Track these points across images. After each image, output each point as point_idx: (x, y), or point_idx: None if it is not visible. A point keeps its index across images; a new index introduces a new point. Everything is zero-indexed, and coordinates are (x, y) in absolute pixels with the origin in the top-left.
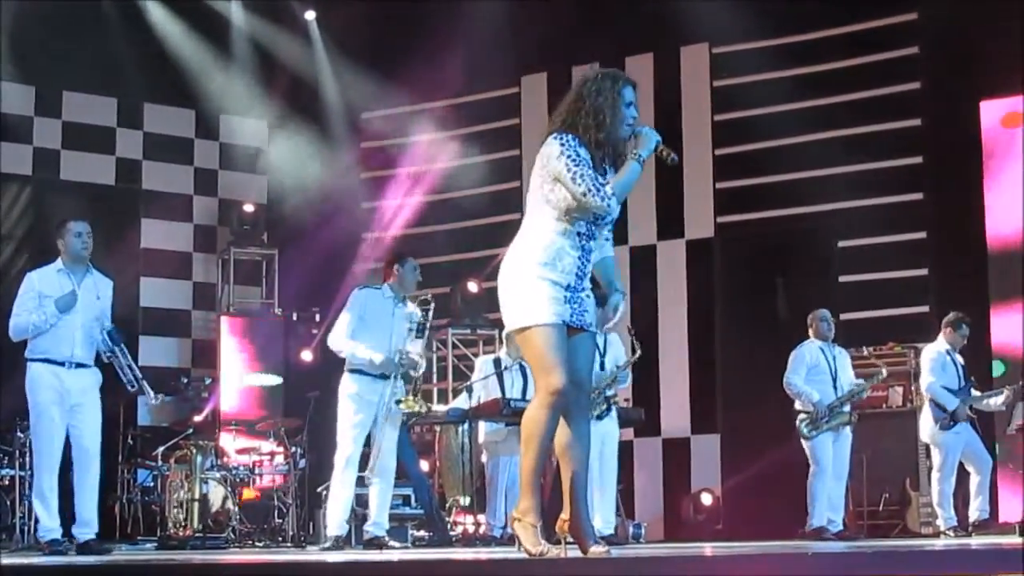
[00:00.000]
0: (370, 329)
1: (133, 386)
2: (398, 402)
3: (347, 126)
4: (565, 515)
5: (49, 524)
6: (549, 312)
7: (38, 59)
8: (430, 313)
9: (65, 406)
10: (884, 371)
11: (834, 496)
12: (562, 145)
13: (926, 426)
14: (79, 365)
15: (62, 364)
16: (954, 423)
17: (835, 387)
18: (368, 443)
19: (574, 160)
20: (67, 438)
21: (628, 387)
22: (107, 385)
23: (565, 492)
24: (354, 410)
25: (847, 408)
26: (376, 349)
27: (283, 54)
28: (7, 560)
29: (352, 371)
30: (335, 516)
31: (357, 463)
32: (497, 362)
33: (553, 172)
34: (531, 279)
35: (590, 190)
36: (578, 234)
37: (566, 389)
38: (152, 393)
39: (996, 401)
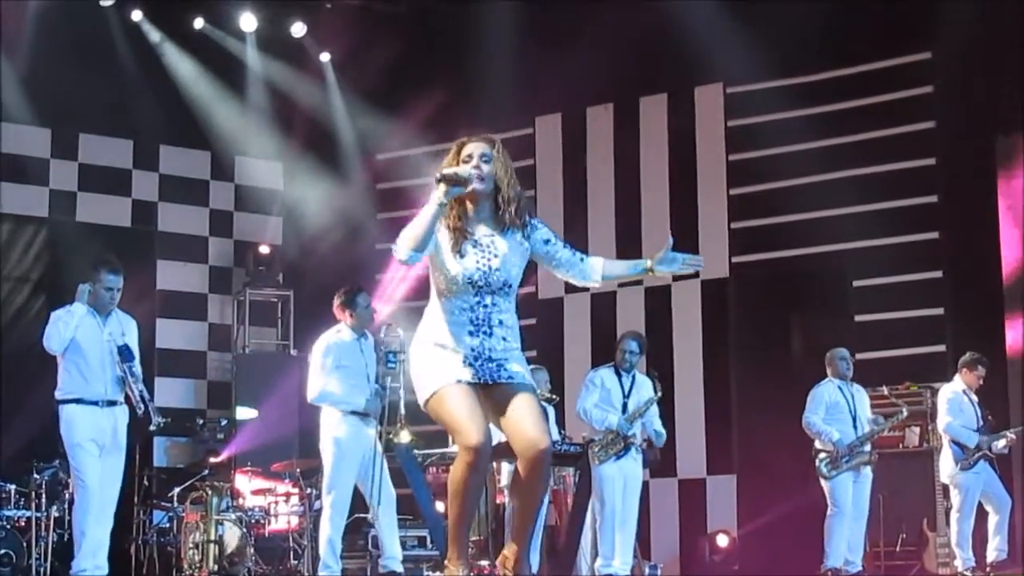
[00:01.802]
0: (348, 372)
1: (139, 408)
2: (390, 441)
3: (362, 168)
4: (507, 551)
5: (82, 564)
6: (442, 376)
7: (54, 101)
8: (398, 338)
9: (98, 446)
10: (905, 410)
11: (854, 536)
12: None
13: (946, 467)
14: (110, 403)
15: (95, 403)
16: (976, 461)
17: (855, 426)
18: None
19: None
20: None
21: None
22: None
23: (513, 532)
24: (341, 452)
25: (867, 447)
26: (356, 390)
27: (298, 96)
28: None
29: (331, 413)
30: (325, 558)
31: (348, 505)
32: None
33: None
34: (424, 354)
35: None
36: (464, 308)
37: (482, 443)
38: (155, 417)
39: (998, 445)
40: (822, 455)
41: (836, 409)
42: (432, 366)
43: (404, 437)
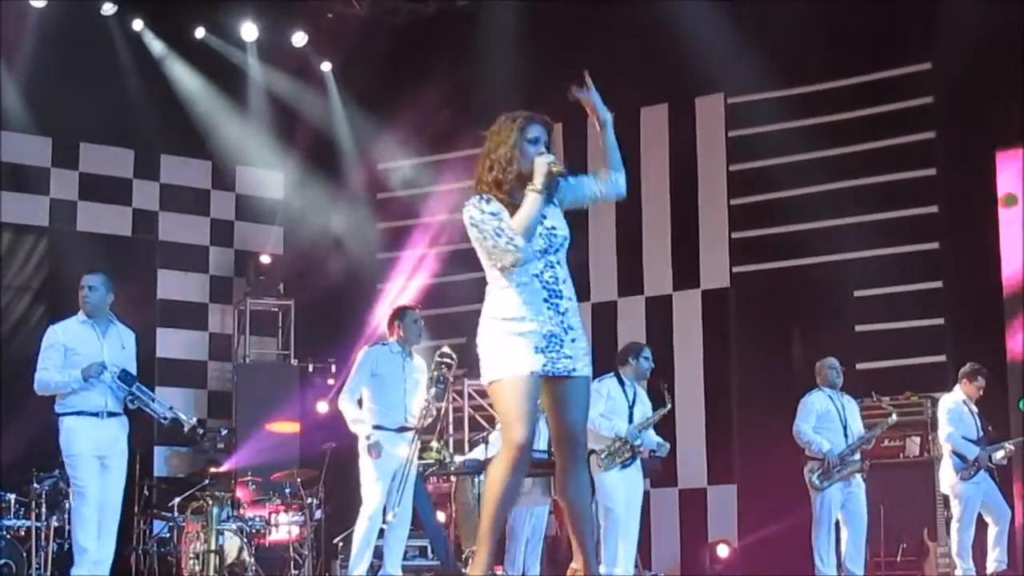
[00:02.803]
0: (384, 386)
1: (166, 419)
2: (423, 456)
3: (363, 177)
4: (576, 564)
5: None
6: (515, 364)
7: (55, 110)
8: (450, 369)
9: (99, 458)
10: (894, 415)
11: (854, 546)
12: (467, 211)
13: (946, 477)
14: (111, 414)
15: (96, 415)
16: (976, 472)
17: (845, 435)
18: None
19: (478, 223)
20: None
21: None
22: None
23: (573, 541)
24: (374, 464)
25: (857, 456)
26: (390, 406)
27: (299, 105)
28: None
29: (372, 427)
30: (353, 563)
31: (381, 517)
32: None
33: (472, 239)
34: (499, 335)
35: (497, 246)
36: (536, 276)
37: (528, 444)
38: (185, 418)
39: (997, 456)
40: (812, 464)
41: (827, 418)
42: (506, 349)
43: (439, 455)
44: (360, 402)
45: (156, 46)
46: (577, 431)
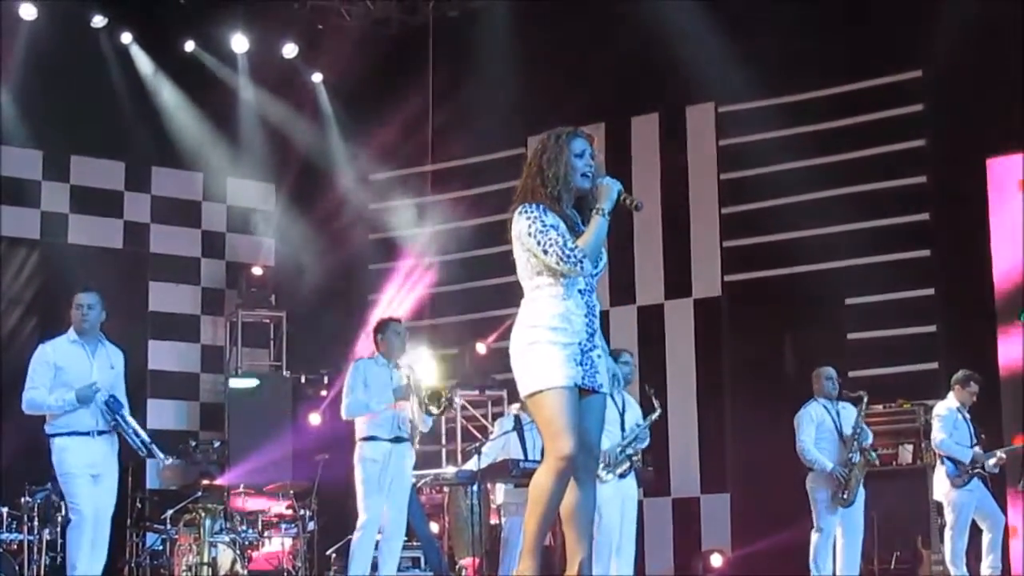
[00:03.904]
0: (374, 398)
1: (143, 452)
2: (429, 404)
3: (355, 188)
4: (570, 573)
5: None
6: (560, 375)
7: (46, 123)
8: (411, 375)
9: (91, 475)
10: (864, 397)
11: (849, 553)
12: (527, 218)
13: (939, 484)
14: (100, 433)
15: (87, 434)
16: (970, 479)
17: (842, 444)
18: None
19: (541, 231)
20: None
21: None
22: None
23: (569, 552)
24: (370, 476)
25: (857, 458)
26: (383, 417)
27: (290, 117)
28: None
29: (365, 439)
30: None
31: (377, 527)
32: (518, 419)
33: (527, 246)
34: (542, 344)
35: (561, 258)
36: (579, 292)
37: (575, 455)
38: (162, 456)
39: (989, 463)
40: (820, 482)
41: (822, 428)
42: (550, 360)
43: (440, 406)
44: None
45: (145, 61)
46: (593, 442)
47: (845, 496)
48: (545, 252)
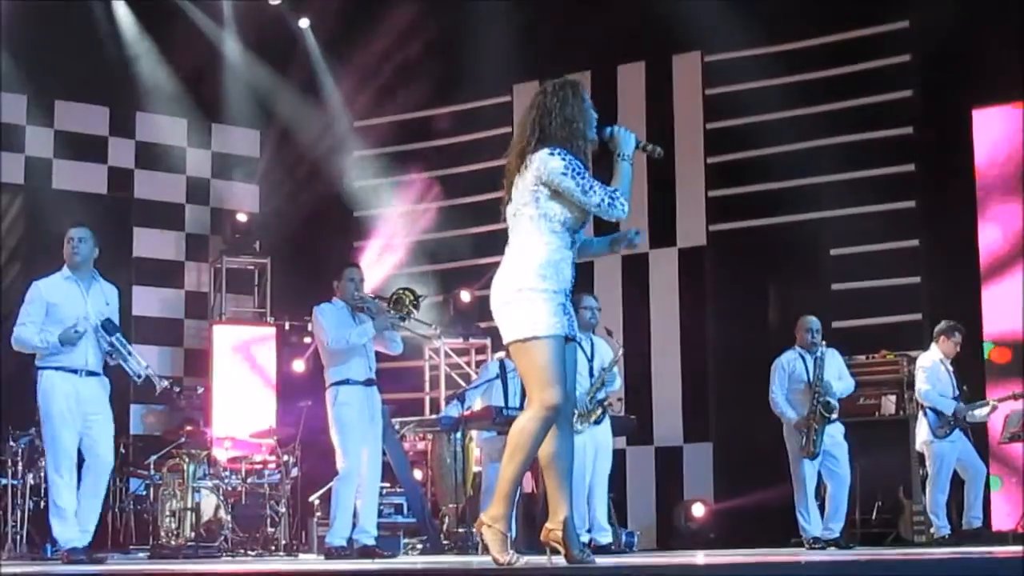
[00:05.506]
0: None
1: (139, 378)
2: (396, 314)
3: (340, 135)
4: (551, 524)
5: (68, 535)
6: (552, 324)
7: (30, 68)
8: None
9: (80, 415)
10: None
11: (835, 503)
12: (562, 159)
13: (920, 435)
14: (91, 373)
15: (76, 372)
16: (952, 429)
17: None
18: None
19: (579, 174)
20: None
21: (621, 391)
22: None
23: (551, 500)
24: (348, 420)
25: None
26: (357, 356)
27: (276, 63)
28: (7, 569)
29: (336, 383)
30: (338, 526)
31: (359, 472)
32: (503, 365)
33: (556, 187)
34: (532, 291)
35: (604, 200)
36: (571, 244)
37: (562, 404)
38: (158, 379)
39: (980, 413)
40: (792, 432)
41: (794, 378)
42: (542, 309)
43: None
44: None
45: (129, 7)
46: (570, 389)
47: (810, 448)
48: (585, 193)
